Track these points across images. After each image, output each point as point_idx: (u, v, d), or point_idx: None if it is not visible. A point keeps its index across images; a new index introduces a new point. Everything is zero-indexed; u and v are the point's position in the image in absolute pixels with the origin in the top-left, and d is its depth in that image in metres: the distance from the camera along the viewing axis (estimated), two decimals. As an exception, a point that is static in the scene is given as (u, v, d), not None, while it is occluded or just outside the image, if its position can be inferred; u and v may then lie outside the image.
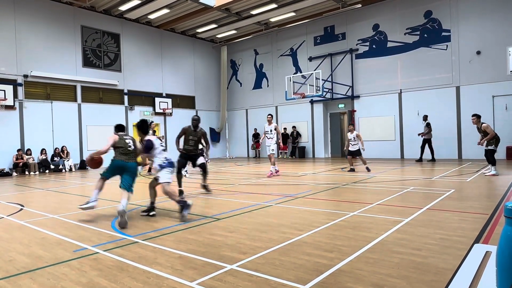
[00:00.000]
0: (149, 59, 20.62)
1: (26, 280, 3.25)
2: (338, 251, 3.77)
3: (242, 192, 8.25)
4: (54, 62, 16.65)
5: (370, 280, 2.99)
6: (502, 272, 2.33)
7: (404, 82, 17.41)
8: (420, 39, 16.86)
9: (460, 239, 4.03)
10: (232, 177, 11.58)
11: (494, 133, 9.77)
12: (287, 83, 17.67)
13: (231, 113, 24.63)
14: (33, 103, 15.92)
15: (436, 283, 2.90)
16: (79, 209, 5.96)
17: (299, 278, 3.09)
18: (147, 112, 20.22)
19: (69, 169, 16.34)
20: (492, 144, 9.77)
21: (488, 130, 9.73)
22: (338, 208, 6.04)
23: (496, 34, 14.93)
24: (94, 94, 18.16)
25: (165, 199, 7.60)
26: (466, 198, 6.62)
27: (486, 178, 9.31)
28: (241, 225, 5.06)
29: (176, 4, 17.62)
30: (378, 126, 18.22)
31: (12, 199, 8.19)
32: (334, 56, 19.55)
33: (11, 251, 4.17)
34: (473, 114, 10.30)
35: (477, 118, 10.08)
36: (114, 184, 10.87)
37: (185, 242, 4.29)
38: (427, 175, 10.27)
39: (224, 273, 3.25)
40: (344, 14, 18.99)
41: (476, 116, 10.11)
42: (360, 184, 8.97)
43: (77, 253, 4.00)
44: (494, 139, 9.79)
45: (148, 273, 3.33)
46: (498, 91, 14.94)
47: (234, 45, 24.14)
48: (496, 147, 9.79)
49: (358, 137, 12.04)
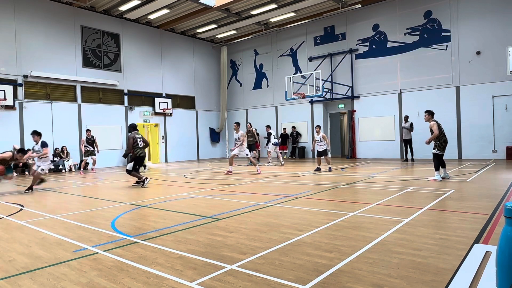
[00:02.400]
0: (149, 59, 20.63)
1: (26, 280, 3.25)
2: (338, 251, 3.77)
3: (242, 192, 8.26)
4: (54, 62, 16.65)
5: (370, 280, 2.99)
6: (502, 272, 2.33)
7: (404, 82, 17.41)
8: (420, 39, 16.86)
9: (460, 239, 4.03)
10: (232, 177, 11.59)
11: (438, 134, 8.87)
12: (287, 83, 17.67)
13: (231, 113, 24.63)
14: (33, 103, 15.93)
15: (436, 283, 2.90)
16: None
17: (299, 278, 3.09)
18: (147, 112, 20.22)
19: (69, 169, 16.34)
20: (436, 147, 8.98)
21: (433, 128, 8.91)
22: (338, 208, 6.04)
23: (496, 34, 14.93)
24: (94, 94, 18.16)
25: (166, 199, 7.60)
26: (466, 198, 6.62)
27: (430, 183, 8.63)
28: (241, 225, 5.06)
29: (176, 4, 17.63)
30: (378, 126, 18.23)
31: (12, 199, 8.19)
32: (334, 56, 19.56)
33: (11, 251, 4.17)
34: (426, 110, 9.51)
35: (428, 114, 9.29)
36: (114, 184, 10.89)
37: (185, 242, 4.29)
38: (427, 175, 10.26)
39: (224, 273, 3.25)
40: (344, 14, 19.00)
41: (428, 112, 9.32)
42: (360, 184, 8.97)
43: (77, 253, 4.00)
44: (438, 141, 8.96)
45: (148, 273, 3.33)
46: (498, 91, 14.94)
47: (234, 45, 24.14)
48: (439, 151, 8.91)
49: (324, 138, 12.63)
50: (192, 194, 8.23)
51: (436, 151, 9.01)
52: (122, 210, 6.45)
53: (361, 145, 18.87)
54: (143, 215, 6.08)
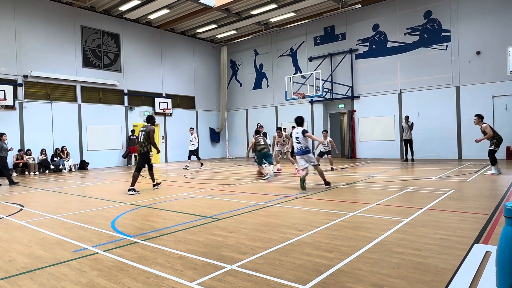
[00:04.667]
0: (149, 59, 20.63)
1: (26, 280, 3.25)
2: (338, 251, 3.77)
3: (242, 192, 8.25)
4: (54, 62, 16.65)
5: (370, 280, 2.99)
6: (502, 272, 2.33)
7: (404, 82, 17.41)
8: (420, 39, 16.86)
9: (460, 239, 4.03)
10: (232, 177, 11.59)
11: (492, 134, 9.86)
12: (287, 83, 17.66)
13: (231, 113, 24.63)
14: (33, 103, 15.93)
15: (436, 283, 2.90)
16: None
17: (299, 278, 3.09)
18: (147, 112, 20.21)
19: (69, 169, 16.34)
20: (492, 144, 9.89)
21: (487, 130, 9.87)
22: (338, 208, 6.04)
23: (496, 34, 14.93)
24: (94, 94, 18.16)
25: (166, 199, 7.60)
26: (466, 198, 6.62)
27: (486, 177, 9.33)
28: (241, 225, 5.06)
29: (176, 4, 17.63)
30: (378, 126, 18.23)
31: (12, 199, 8.20)
32: (334, 56, 19.55)
33: (11, 251, 4.17)
34: (476, 114, 10.42)
35: (478, 118, 10.25)
36: (115, 184, 10.88)
37: (185, 242, 4.29)
38: (427, 175, 10.27)
39: (224, 273, 3.25)
40: (344, 14, 18.99)
41: (478, 116, 10.26)
42: (360, 184, 8.97)
43: (77, 253, 4.00)
44: (494, 140, 9.89)
45: (148, 273, 3.33)
46: (498, 91, 14.94)
47: (234, 45, 24.14)
48: (496, 147, 9.86)
49: (331, 143, 12.98)
50: (192, 194, 8.23)
51: (492, 148, 9.89)
52: (122, 210, 6.46)
53: (361, 145, 18.87)
54: (143, 215, 6.08)
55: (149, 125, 9.07)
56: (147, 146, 8.94)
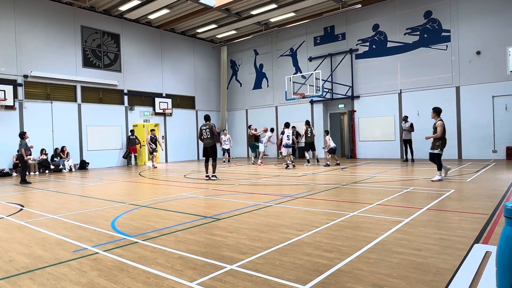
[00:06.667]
0: (149, 59, 20.63)
1: (26, 280, 3.25)
2: (338, 251, 3.77)
3: (242, 192, 8.26)
4: (54, 62, 16.65)
5: (370, 280, 2.99)
6: (502, 272, 2.33)
7: (404, 82, 17.41)
8: (420, 39, 16.86)
9: (460, 239, 4.03)
10: (232, 177, 11.59)
11: (441, 135, 9.00)
12: (287, 83, 17.67)
13: (231, 113, 24.63)
14: (33, 103, 15.93)
15: (436, 283, 2.90)
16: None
17: (299, 278, 3.09)
18: (147, 112, 20.22)
19: (69, 169, 16.34)
20: (437, 148, 9.07)
21: (439, 129, 8.98)
22: (338, 208, 6.04)
23: (496, 34, 14.93)
24: (94, 94, 18.16)
25: (166, 199, 7.60)
26: (466, 198, 6.62)
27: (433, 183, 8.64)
28: (241, 225, 5.06)
29: (176, 4, 17.63)
30: (378, 126, 18.23)
31: (12, 199, 8.20)
32: (334, 56, 19.55)
33: (11, 251, 4.17)
34: (433, 107, 9.49)
35: (434, 113, 9.35)
36: (115, 184, 10.89)
37: (185, 242, 4.29)
38: (427, 175, 10.27)
39: (224, 273, 3.25)
40: (344, 14, 18.99)
41: (435, 110, 9.37)
42: (360, 184, 8.97)
43: (77, 253, 4.00)
44: (440, 141, 9.06)
45: (148, 273, 3.33)
46: (498, 91, 14.94)
47: (234, 45, 24.14)
48: (441, 151, 9.07)
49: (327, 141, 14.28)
50: (192, 194, 8.23)
51: (438, 151, 9.05)
52: (122, 210, 6.46)
53: (361, 145, 18.87)
54: (143, 215, 6.08)
55: (209, 122, 10.90)
56: (213, 139, 10.72)
